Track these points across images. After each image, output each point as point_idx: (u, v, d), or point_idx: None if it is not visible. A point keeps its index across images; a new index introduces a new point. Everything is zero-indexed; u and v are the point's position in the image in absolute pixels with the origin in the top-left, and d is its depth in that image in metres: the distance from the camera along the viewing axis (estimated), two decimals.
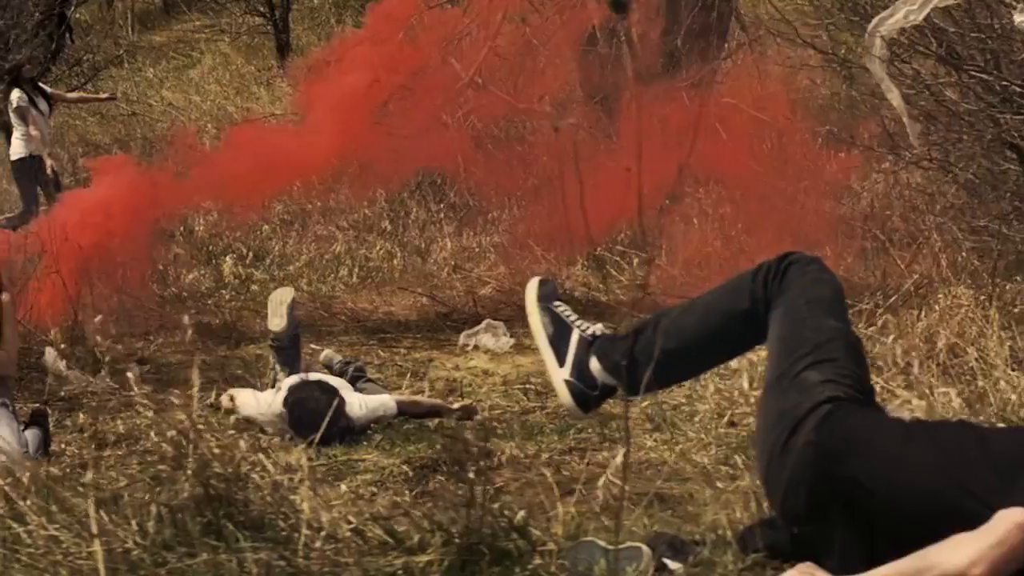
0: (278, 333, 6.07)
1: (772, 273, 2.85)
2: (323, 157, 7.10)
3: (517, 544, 2.66)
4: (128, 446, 5.60)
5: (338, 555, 2.66)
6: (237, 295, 8.66)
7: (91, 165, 8.07)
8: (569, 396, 3.05)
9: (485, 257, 9.14)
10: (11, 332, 5.65)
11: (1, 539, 2.73)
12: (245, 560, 2.56)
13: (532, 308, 3.14)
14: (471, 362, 7.10)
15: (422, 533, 2.70)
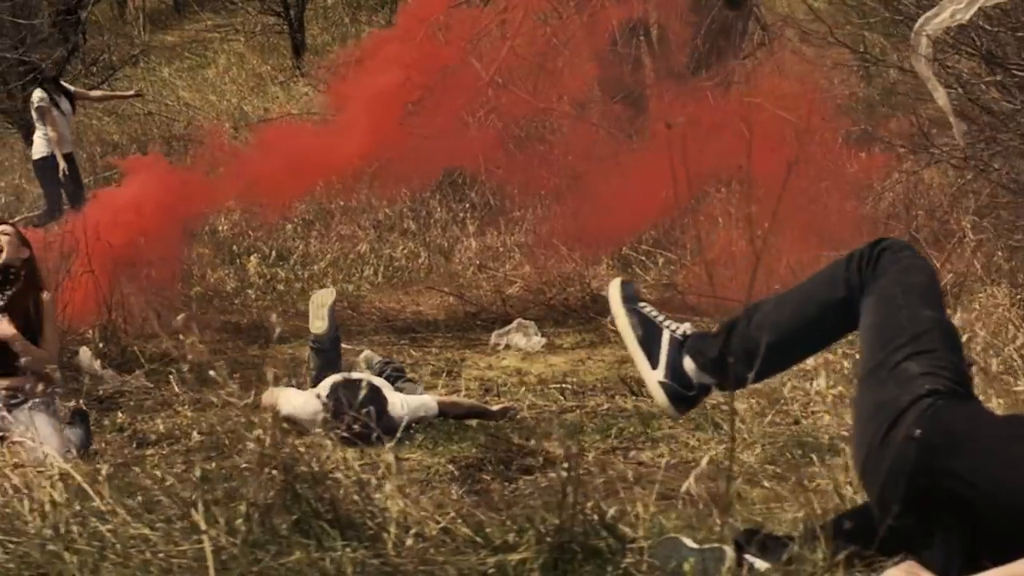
0: (319, 335, 6.05)
1: (865, 259, 2.83)
2: (353, 156, 7.08)
3: (608, 542, 2.64)
4: (169, 445, 5.60)
5: (426, 553, 2.64)
6: (263, 295, 8.66)
7: (122, 164, 8.05)
8: (665, 397, 3.03)
9: (510, 256, 9.12)
10: (51, 331, 5.65)
11: (87, 537, 2.70)
12: (339, 559, 2.55)
13: (618, 310, 3.12)
14: (503, 361, 7.10)
15: (510, 532, 2.69)
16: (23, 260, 5.63)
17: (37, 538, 2.66)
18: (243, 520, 2.72)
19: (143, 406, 6.28)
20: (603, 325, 7.58)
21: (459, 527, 2.73)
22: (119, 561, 2.62)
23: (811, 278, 3.05)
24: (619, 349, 7.25)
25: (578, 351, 7.28)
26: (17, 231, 5.72)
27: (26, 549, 2.64)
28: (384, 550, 2.56)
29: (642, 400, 6.14)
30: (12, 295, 5.56)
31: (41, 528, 2.72)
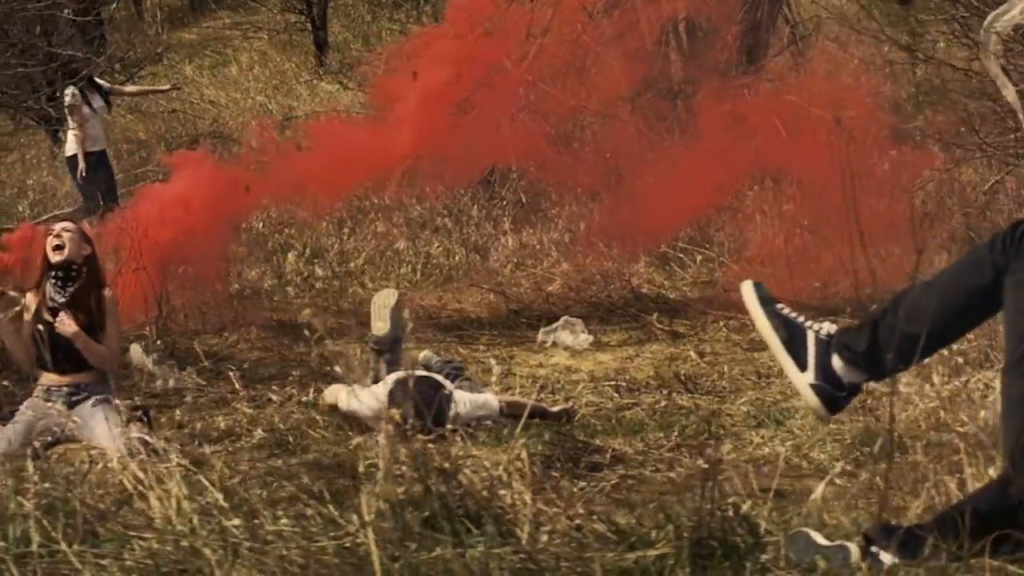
0: (380, 337, 6.03)
1: (1008, 240, 2.83)
2: (401, 153, 7.07)
3: (744, 538, 2.64)
4: (232, 442, 5.58)
5: (563, 549, 2.64)
6: (302, 292, 8.65)
7: (169, 160, 8.04)
8: (817, 400, 3.01)
9: (547, 254, 9.11)
10: (113, 328, 5.65)
11: (218, 533, 2.70)
12: (480, 555, 2.54)
13: (758, 313, 3.10)
14: (552, 359, 7.09)
15: (645, 528, 2.69)
16: (85, 257, 5.63)
17: (170, 534, 2.65)
18: (373, 516, 2.71)
19: (198, 403, 6.26)
20: (649, 322, 7.59)
21: (592, 522, 2.72)
22: (255, 557, 2.61)
23: (953, 265, 3.05)
24: (667, 346, 7.27)
25: (626, 348, 7.27)
26: (80, 228, 5.72)
27: (160, 546, 2.63)
28: (522, 546, 2.56)
29: (700, 397, 6.15)
30: (74, 292, 5.55)
31: (173, 524, 2.71)
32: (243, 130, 12.52)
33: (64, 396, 5.52)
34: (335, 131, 7.29)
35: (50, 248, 5.58)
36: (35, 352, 5.56)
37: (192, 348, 7.15)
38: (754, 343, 7.27)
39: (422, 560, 2.54)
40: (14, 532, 2.72)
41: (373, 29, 15.35)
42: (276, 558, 2.60)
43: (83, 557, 2.56)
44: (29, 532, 2.71)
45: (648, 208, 7.77)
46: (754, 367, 6.66)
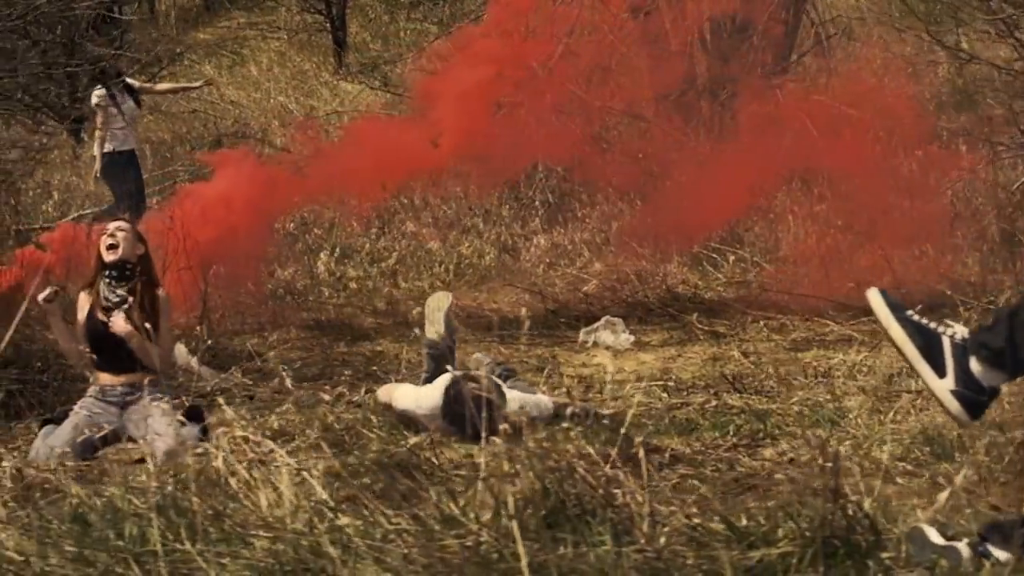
0: (435, 340, 6.00)
1: None
2: (443, 152, 7.07)
3: (866, 537, 2.63)
4: (286, 442, 5.56)
5: (675, 547, 2.63)
6: (336, 292, 8.65)
7: (209, 159, 8.02)
8: (959, 406, 2.97)
9: (580, 254, 9.11)
10: (167, 328, 5.64)
11: (336, 532, 2.69)
12: (605, 554, 2.54)
13: (889, 321, 3.07)
14: (595, 359, 7.08)
15: (765, 526, 2.68)
16: (139, 257, 5.62)
17: (290, 532, 2.64)
18: (491, 515, 2.71)
19: (245, 403, 6.24)
20: (689, 322, 7.59)
21: (708, 520, 2.72)
22: (377, 556, 2.60)
23: None
24: (709, 346, 7.26)
25: (667, 348, 7.27)
26: (134, 228, 5.70)
27: (280, 545, 2.62)
28: (649, 545, 2.55)
29: (749, 397, 6.13)
30: (128, 291, 5.55)
31: (287, 523, 2.70)
32: (267, 130, 12.53)
33: (118, 396, 5.52)
34: (376, 130, 7.26)
35: (104, 247, 5.57)
36: (88, 352, 5.56)
37: (231, 348, 7.16)
38: (796, 343, 7.28)
39: (549, 559, 2.54)
40: (130, 531, 2.71)
41: (391, 29, 15.33)
42: (399, 556, 2.59)
43: (205, 556, 2.55)
44: (147, 531, 2.69)
45: (686, 208, 7.76)
46: (799, 367, 6.65)
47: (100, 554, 2.63)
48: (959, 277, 8.25)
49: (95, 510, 2.82)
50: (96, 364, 5.57)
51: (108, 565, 2.55)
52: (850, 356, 6.79)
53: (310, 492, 2.95)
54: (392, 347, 7.41)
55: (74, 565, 2.58)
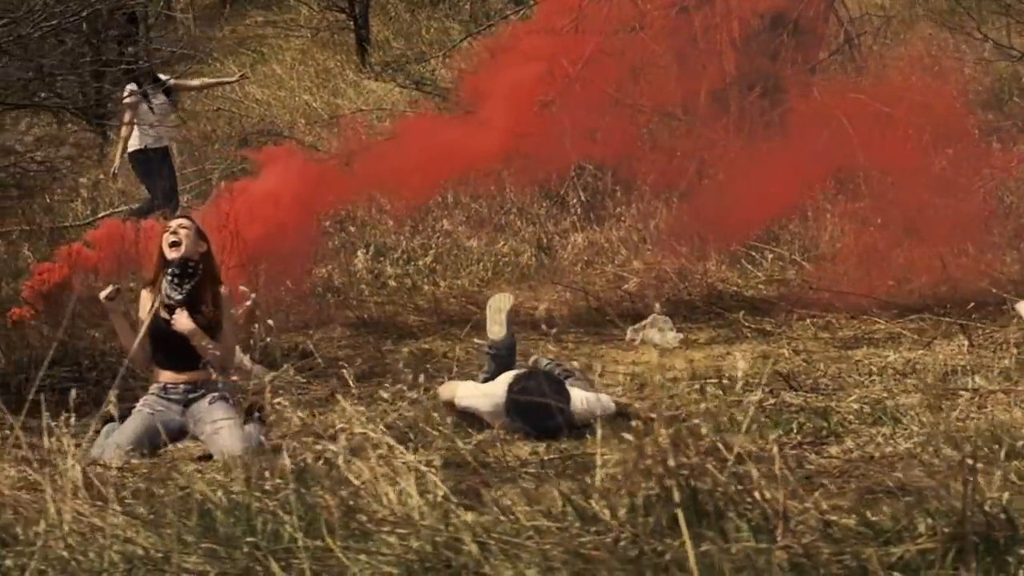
0: (496, 341, 6.01)
1: None
2: (492, 148, 7.06)
3: (1005, 533, 2.62)
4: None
5: (810, 543, 2.62)
6: (375, 290, 8.64)
7: (256, 155, 8.01)
8: None
9: (617, 252, 9.10)
10: (229, 326, 5.64)
11: (462, 529, 2.68)
12: (746, 551, 2.53)
13: None
14: (644, 357, 7.06)
15: (898, 524, 2.68)
16: (201, 254, 5.61)
17: (428, 529, 2.63)
18: (626, 511, 2.70)
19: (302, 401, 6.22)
20: (736, 320, 7.58)
21: (843, 517, 2.71)
22: (509, 551, 2.60)
23: None
24: (757, 344, 7.25)
25: (715, 347, 7.26)
26: (196, 225, 5.69)
27: (419, 542, 2.61)
28: (791, 542, 2.54)
29: (806, 395, 6.13)
30: (191, 289, 5.54)
31: (424, 520, 2.69)
32: (293, 128, 12.51)
33: (180, 394, 5.52)
34: (424, 128, 7.25)
35: (166, 245, 5.57)
36: (151, 350, 5.56)
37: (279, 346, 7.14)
38: (845, 341, 7.27)
39: (691, 556, 2.53)
40: (263, 527, 2.70)
41: (414, 27, 15.31)
42: (537, 553, 2.58)
43: (346, 552, 2.55)
44: (280, 528, 2.69)
45: (730, 206, 7.75)
46: (851, 365, 6.65)
47: (234, 551, 2.62)
48: (999, 275, 8.26)
49: (220, 507, 2.81)
50: (158, 362, 5.57)
51: (247, 563, 2.55)
52: (901, 354, 6.79)
53: (424, 489, 2.94)
54: (439, 345, 7.40)
55: (211, 562, 2.57)
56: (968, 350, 6.71)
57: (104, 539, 2.63)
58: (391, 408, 5.89)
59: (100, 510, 2.69)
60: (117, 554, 2.54)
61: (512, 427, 5.51)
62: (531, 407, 5.41)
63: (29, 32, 6.13)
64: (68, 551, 2.53)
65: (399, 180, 7.35)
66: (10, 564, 2.57)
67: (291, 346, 7.26)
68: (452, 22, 15.21)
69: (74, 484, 2.91)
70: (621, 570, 2.51)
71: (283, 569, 2.55)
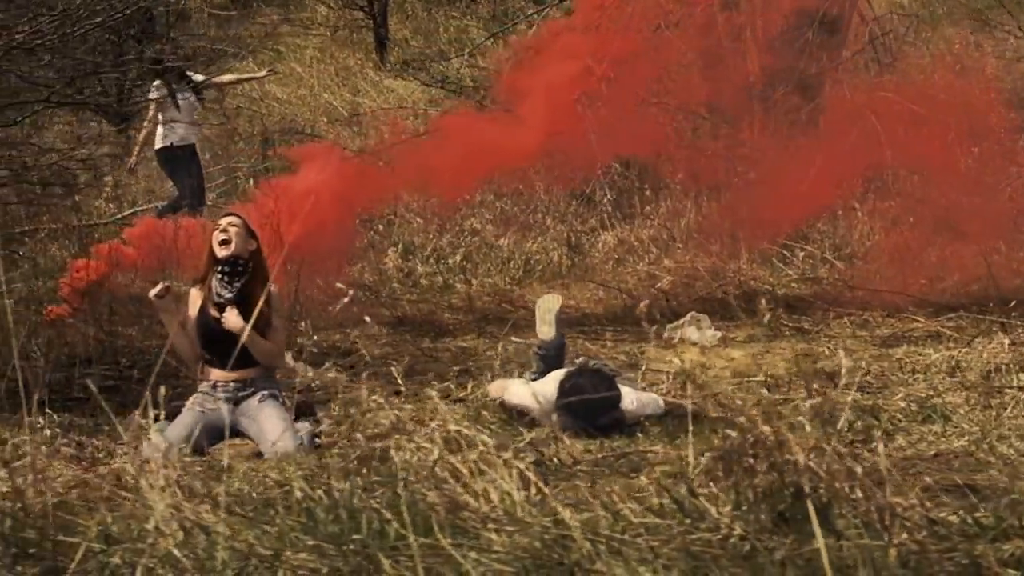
0: (546, 342, 6.01)
1: None
2: (530, 146, 7.05)
3: None
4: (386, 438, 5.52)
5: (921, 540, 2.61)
6: (407, 289, 8.64)
7: (293, 153, 8.00)
8: None
9: (648, 251, 9.09)
10: (280, 323, 5.62)
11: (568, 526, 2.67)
12: (859, 547, 2.53)
13: None
14: (683, 355, 7.05)
15: (1004, 521, 2.67)
16: (251, 252, 5.60)
17: (536, 527, 2.63)
18: (730, 508, 2.69)
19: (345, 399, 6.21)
20: (773, 319, 7.57)
21: (948, 514, 2.70)
22: (619, 550, 2.59)
23: None
24: (796, 342, 7.25)
25: (754, 345, 7.25)
26: (245, 223, 5.67)
27: (528, 539, 2.60)
28: (903, 540, 2.54)
29: (850, 393, 6.10)
30: (241, 287, 5.53)
31: (531, 517, 2.69)
32: (315, 127, 12.50)
33: (230, 392, 5.50)
34: (462, 125, 7.25)
35: (216, 243, 5.55)
36: (200, 348, 5.54)
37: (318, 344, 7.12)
38: (884, 339, 7.27)
39: (803, 552, 2.52)
40: (368, 525, 2.69)
41: (431, 26, 15.30)
42: (647, 550, 2.57)
43: (461, 550, 2.54)
44: (385, 527, 2.68)
45: (766, 204, 7.74)
46: (892, 363, 6.64)
47: (342, 548, 2.61)
48: None
49: (321, 504, 2.81)
50: (208, 360, 5.56)
51: (358, 560, 2.54)
52: (942, 352, 6.78)
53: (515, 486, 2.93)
54: (478, 343, 7.40)
55: (320, 560, 2.57)
56: (1009, 348, 6.70)
57: (211, 537, 2.62)
58: (441, 406, 5.89)
59: (205, 508, 2.68)
60: (226, 551, 2.53)
61: (563, 425, 5.49)
62: (583, 405, 5.40)
63: (74, 31, 6.11)
64: (179, 548, 2.52)
65: (437, 178, 7.33)
66: (118, 561, 2.56)
67: (329, 344, 7.26)
68: (470, 20, 15.19)
69: (167, 481, 2.89)
70: (734, 568, 2.50)
71: (393, 566, 2.54)
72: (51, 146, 7.20)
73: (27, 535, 2.54)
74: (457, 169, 7.10)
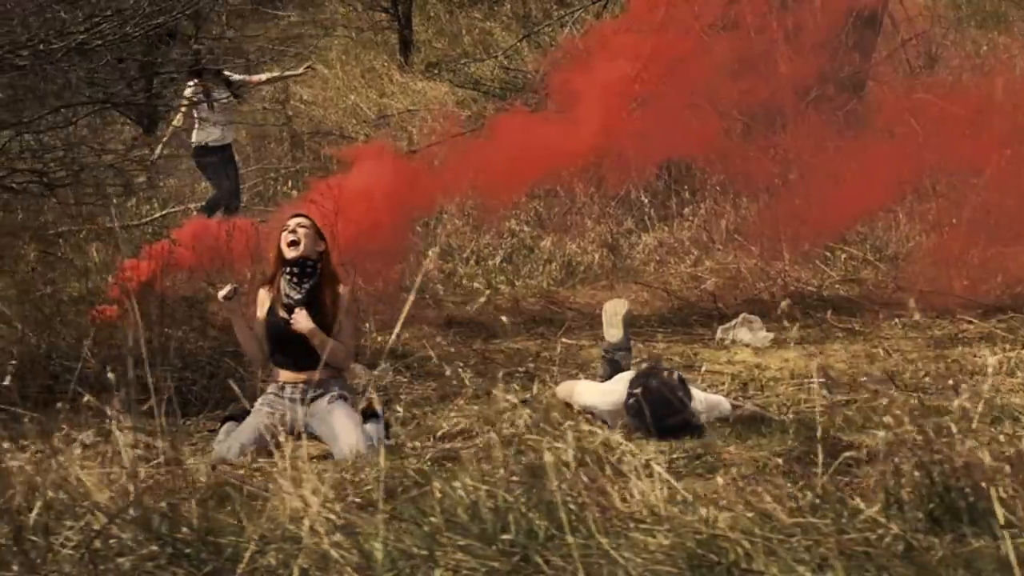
0: (614, 344, 6.01)
1: None
2: (583, 146, 7.04)
3: None
4: (466, 439, 5.52)
5: None
6: (451, 290, 8.63)
7: (345, 154, 7.98)
8: None
9: (688, 252, 9.08)
10: (349, 324, 5.61)
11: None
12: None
13: None
14: (737, 356, 7.06)
15: None
16: (320, 253, 5.59)
17: (686, 526, 2.62)
18: (884, 507, 2.69)
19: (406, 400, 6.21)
20: (824, 320, 7.57)
21: None
22: (773, 549, 2.58)
23: None
24: (851, 343, 7.24)
25: (806, 346, 7.24)
26: (314, 224, 5.66)
27: (681, 538, 2.60)
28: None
29: (911, 394, 6.10)
30: (310, 288, 5.52)
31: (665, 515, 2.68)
32: (343, 128, 12.49)
33: (300, 393, 5.48)
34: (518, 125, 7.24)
35: (285, 244, 5.54)
36: (269, 349, 5.53)
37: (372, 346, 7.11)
38: (937, 340, 7.26)
39: (961, 552, 2.52)
40: (515, 524, 2.69)
41: (454, 28, 15.30)
42: (802, 549, 2.57)
43: (618, 548, 2.53)
44: (534, 526, 2.67)
45: (817, 205, 7.74)
46: (950, 364, 6.63)
47: (491, 549, 2.61)
48: None
49: (462, 504, 2.80)
50: (276, 361, 5.55)
51: (516, 559, 2.53)
52: (997, 353, 6.78)
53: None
54: (529, 345, 7.39)
55: (475, 559, 2.56)
56: None
57: (358, 538, 2.61)
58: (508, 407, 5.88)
59: (354, 509, 2.67)
60: (383, 551, 2.52)
61: (633, 426, 5.48)
62: (654, 405, 5.37)
63: (134, 32, 6.11)
64: (335, 548, 2.51)
65: (489, 179, 7.32)
66: (272, 561, 2.55)
67: (381, 346, 7.24)
68: (493, 22, 15.19)
69: (301, 479, 2.89)
70: (893, 567, 2.50)
71: (548, 566, 2.53)
72: (106, 147, 7.16)
73: (182, 535, 2.53)
74: (510, 170, 7.09)
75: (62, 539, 2.53)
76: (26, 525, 2.45)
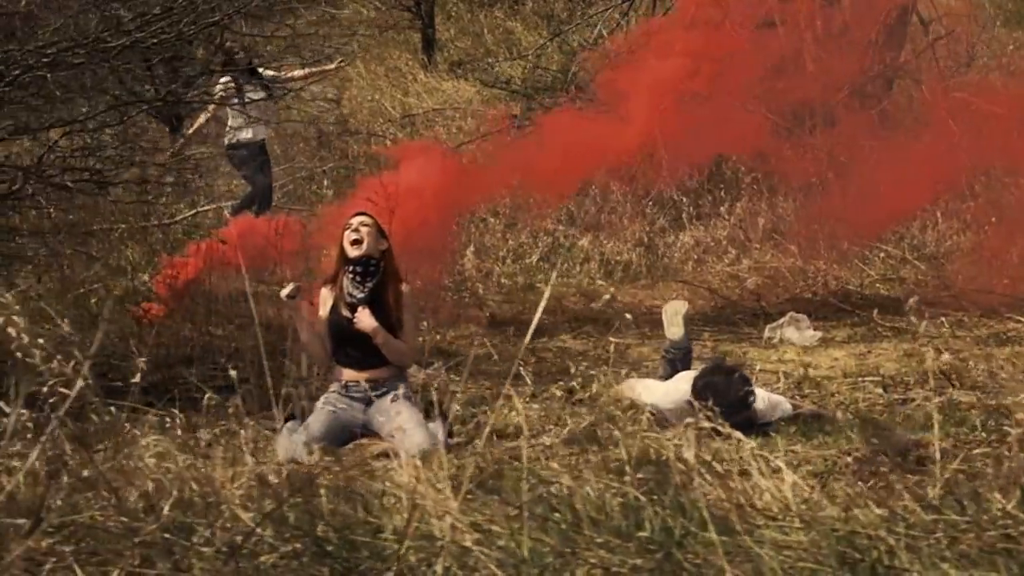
0: (675, 342, 6.02)
1: None
2: (631, 143, 7.04)
3: None
4: (533, 436, 5.50)
5: None
6: (491, 289, 8.62)
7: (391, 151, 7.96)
8: None
9: (726, 251, 9.07)
10: (411, 323, 5.60)
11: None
12: None
13: None
14: (786, 355, 7.04)
15: None
16: (382, 252, 5.58)
17: (825, 524, 2.61)
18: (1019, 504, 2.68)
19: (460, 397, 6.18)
20: (872, 319, 7.56)
21: None
22: (918, 547, 2.57)
23: None
24: (901, 343, 7.22)
25: (855, 345, 7.23)
26: (377, 222, 5.65)
27: (811, 536, 2.59)
28: None
29: (970, 393, 6.10)
30: (373, 287, 5.51)
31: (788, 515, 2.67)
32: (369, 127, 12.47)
33: (362, 392, 5.47)
34: (567, 123, 7.22)
35: (348, 243, 5.53)
36: (332, 348, 5.52)
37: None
38: (986, 339, 7.25)
39: None
40: (649, 522, 2.68)
41: (476, 27, 15.28)
42: (944, 546, 2.56)
43: (762, 547, 2.52)
44: (669, 524, 2.66)
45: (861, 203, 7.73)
46: (1005, 363, 6.63)
47: (627, 545, 2.60)
48: None
49: (590, 502, 2.79)
50: (339, 360, 5.54)
51: (658, 558, 2.52)
52: None
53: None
54: (575, 344, 7.38)
55: (612, 558, 2.55)
56: None
57: (491, 536, 2.60)
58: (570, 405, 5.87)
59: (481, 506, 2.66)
60: (526, 547, 2.51)
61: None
62: (718, 402, 5.35)
63: (187, 31, 6.09)
64: (476, 545, 2.50)
65: (539, 176, 7.30)
66: (413, 560, 2.54)
67: (430, 345, 7.23)
68: (515, 22, 15.17)
69: (416, 477, 2.88)
70: None
71: (690, 563, 2.52)
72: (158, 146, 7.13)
73: (323, 533, 2.52)
74: (559, 168, 7.08)
75: (200, 538, 2.52)
76: (170, 524, 2.44)
